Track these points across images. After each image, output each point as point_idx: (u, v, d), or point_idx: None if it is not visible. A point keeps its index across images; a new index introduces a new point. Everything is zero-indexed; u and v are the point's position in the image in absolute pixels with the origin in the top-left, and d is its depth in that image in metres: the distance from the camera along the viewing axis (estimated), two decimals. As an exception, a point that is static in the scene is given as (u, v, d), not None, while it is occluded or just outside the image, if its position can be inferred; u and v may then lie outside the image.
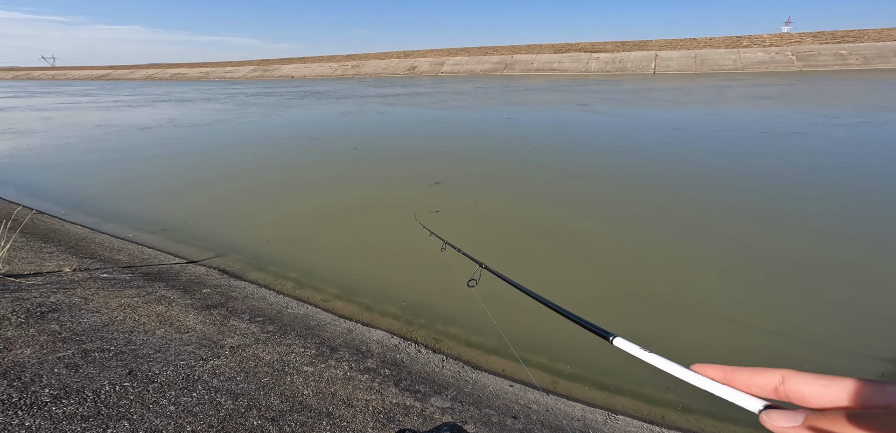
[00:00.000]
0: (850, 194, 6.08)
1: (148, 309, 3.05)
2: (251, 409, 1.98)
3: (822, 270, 4.11)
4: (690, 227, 5.16)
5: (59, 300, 2.97)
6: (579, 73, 50.76)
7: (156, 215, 6.22)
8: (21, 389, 1.90)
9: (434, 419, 2.14)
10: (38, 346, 2.30)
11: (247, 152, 10.72)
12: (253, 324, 2.99)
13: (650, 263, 4.37)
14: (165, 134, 13.80)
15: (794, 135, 10.29)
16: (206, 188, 7.60)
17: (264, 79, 69.26)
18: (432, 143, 11.28)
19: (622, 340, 0.62)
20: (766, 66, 43.74)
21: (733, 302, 3.66)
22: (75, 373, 2.10)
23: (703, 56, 49.11)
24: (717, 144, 9.62)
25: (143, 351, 2.41)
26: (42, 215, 6.10)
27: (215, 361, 2.39)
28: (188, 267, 4.40)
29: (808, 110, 14.51)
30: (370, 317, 3.56)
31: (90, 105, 25.68)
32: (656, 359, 0.54)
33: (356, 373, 2.48)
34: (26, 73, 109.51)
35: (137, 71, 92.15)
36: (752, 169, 7.56)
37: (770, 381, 0.38)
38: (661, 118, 14.03)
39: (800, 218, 5.35)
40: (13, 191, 7.54)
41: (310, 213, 6.24)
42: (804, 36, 48.33)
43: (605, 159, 8.75)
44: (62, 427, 1.70)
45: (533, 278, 4.17)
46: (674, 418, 2.55)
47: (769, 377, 0.38)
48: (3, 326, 2.47)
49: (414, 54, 72.80)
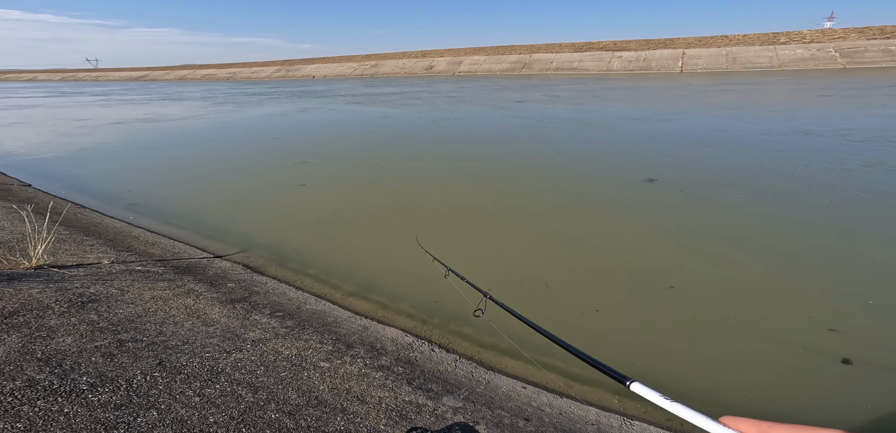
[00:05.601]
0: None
1: (177, 301, 3.21)
2: (270, 403, 2.06)
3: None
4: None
5: (98, 291, 3.17)
6: (601, 72, 49.58)
7: (187, 210, 6.53)
8: (61, 376, 2.05)
9: (446, 418, 2.17)
10: (78, 335, 2.47)
11: (264, 148, 11.10)
12: (273, 319, 3.10)
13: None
14: (198, 129, 14.47)
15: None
16: (233, 184, 7.91)
17: (287, 78, 71.20)
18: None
19: (640, 386, 0.59)
20: (805, 62, 41.40)
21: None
22: (111, 362, 2.24)
23: (736, 54, 46.94)
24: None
25: (173, 342, 2.55)
26: (83, 209, 6.50)
27: (238, 354, 2.49)
28: (215, 261, 4.60)
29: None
30: (385, 315, 3.62)
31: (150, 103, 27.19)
32: (679, 408, 0.50)
33: (370, 370, 2.53)
34: (72, 74, 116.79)
35: (172, 72, 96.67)
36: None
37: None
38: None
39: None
40: (57, 185, 8.08)
41: (328, 210, 6.40)
42: (849, 31, 45.38)
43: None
44: (97, 415, 1.82)
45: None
46: (692, 426, 2.47)
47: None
48: (47, 315, 2.66)
49: (431, 54, 73.03)
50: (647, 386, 0.57)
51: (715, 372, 2.91)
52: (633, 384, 0.60)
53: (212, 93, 39.13)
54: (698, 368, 2.95)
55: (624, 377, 0.64)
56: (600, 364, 0.70)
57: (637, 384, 0.60)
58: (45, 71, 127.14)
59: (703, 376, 2.86)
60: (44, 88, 60.81)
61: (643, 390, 0.57)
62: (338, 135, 13.39)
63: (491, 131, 12.82)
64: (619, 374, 0.65)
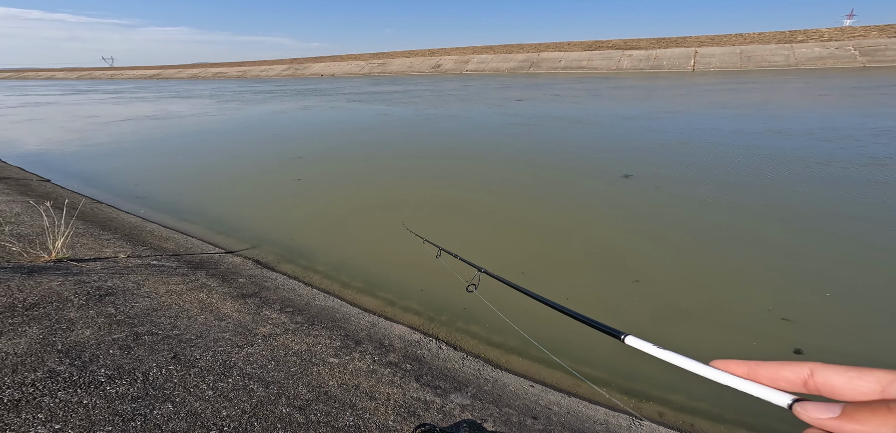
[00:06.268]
0: None
1: (191, 296, 3.27)
2: (280, 397, 2.10)
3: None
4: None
5: (115, 284, 3.25)
6: (610, 70, 49.03)
7: (194, 205, 6.65)
8: (81, 368, 2.11)
9: (454, 415, 2.18)
10: (96, 328, 2.54)
11: (268, 146, 11.24)
12: (283, 315, 3.15)
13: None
14: (204, 128, 14.70)
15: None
16: (234, 180, 8.03)
17: (296, 77, 71.76)
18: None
19: (634, 338, 0.60)
20: (823, 61, 40.38)
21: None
22: (128, 354, 2.30)
23: (750, 52, 46.00)
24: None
25: (187, 336, 2.61)
26: (99, 204, 6.66)
27: (249, 349, 2.54)
28: (226, 257, 4.68)
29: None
30: (393, 312, 3.65)
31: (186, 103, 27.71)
32: (672, 356, 0.51)
33: (379, 367, 2.56)
34: (89, 72, 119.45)
35: (184, 70, 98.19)
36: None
37: (798, 374, 0.38)
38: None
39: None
40: (75, 180, 8.28)
41: (336, 207, 6.46)
42: (869, 29, 44.11)
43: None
44: (115, 406, 1.87)
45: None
46: (703, 426, 2.46)
47: (797, 370, 0.38)
48: (67, 308, 2.74)
49: (439, 53, 72.99)
50: (640, 338, 0.59)
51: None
52: (628, 337, 0.62)
53: (220, 91, 39.74)
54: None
55: (618, 332, 0.65)
56: (594, 321, 0.72)
57: (631, 337, 0.61)
58: (63, 69, 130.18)
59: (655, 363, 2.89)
60: (60, 86, 62.24)
61: (637, 342, 0.59)
62: (334, 132, 13.61)
63: (482, 128, 13.03)
64: (613, 329, 0.66)
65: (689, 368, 0.48)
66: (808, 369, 0.37)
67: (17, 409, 1.76)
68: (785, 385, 0.39)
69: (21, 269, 3.28)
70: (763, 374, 0.40)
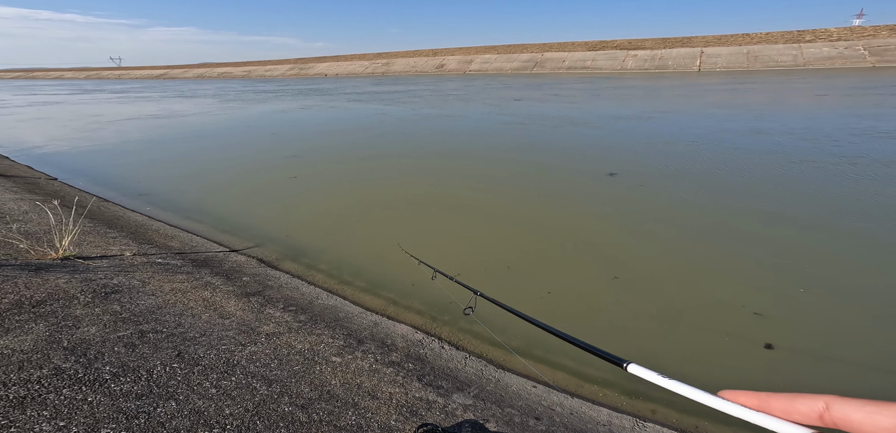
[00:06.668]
0: None
1: (195, 294, 3.29)
2: (283, 396, 2.10)
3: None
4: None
5: (121, 282, 3.28)
6: (614, 70, 48.79)
7: (197, 203, 6.70)
8: (86, 365, 2.13)
9: (456, 415, 2.18)
10: (101, 325, 2.56)
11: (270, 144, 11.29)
12: (286, 313, 3.16)
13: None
14: (211, 125, 14.81)
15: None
16: (233, 179, 8.07)
17: (300, 76, 72.07)
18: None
19: (637, 367, 0.59)
20: (832, 61, 39.94)
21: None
22: (132, 352, 2.31)
23: (757, 52, 45.57)
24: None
25: (191, 334, 2.62)
26: (106, 202, 6.72)
27: (252, 347, 2.55)
28: (231, 255, 4.70)
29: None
30: (395, 312, 3.64)
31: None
32: (677, 385, 0.50)
33: (381, 366, 2.56)
34: (97, 72, 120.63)
35: (190, 70, 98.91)
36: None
37: (813, 408, 0.37)
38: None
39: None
40: (81, 179, 8.36)
41: (336, 206, 6.47)
42: (879, 29, 43.54)
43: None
44: (119, 404, 1.88)
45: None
46: (708, 429, 2.43)
47: (811, 403, 0.37)
48: (73, 305, 2.76)
49: (442, 53, 72.98)
50: (643, 366, 0.58)
51: (643, 351, 3.11)
52: (630, 366, 0.61)
53: (223, 91, 40.02)
54: (628, 348, 3.12)
55: (621, 360, 0.64)
56: (595, 349, 0.71)
57: (634, 365, 0.60)
58: (71, 69, 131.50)
59: (631, 356, 2.89)
60: (68, 86, 62.92)
61: (640, 371, 0.58)
62: (331, 131, 13.72)
63: (476, 127, 13.14)
64: (616, 358, 0.65)
65: (696, 398, 0.47)
66: (823, 402, 0.37)
67: (23, 407, 1.77)
68: (799, 418, 0.38)
69: (28, 267, 3.32)
70: (776, 407, 0.40)
